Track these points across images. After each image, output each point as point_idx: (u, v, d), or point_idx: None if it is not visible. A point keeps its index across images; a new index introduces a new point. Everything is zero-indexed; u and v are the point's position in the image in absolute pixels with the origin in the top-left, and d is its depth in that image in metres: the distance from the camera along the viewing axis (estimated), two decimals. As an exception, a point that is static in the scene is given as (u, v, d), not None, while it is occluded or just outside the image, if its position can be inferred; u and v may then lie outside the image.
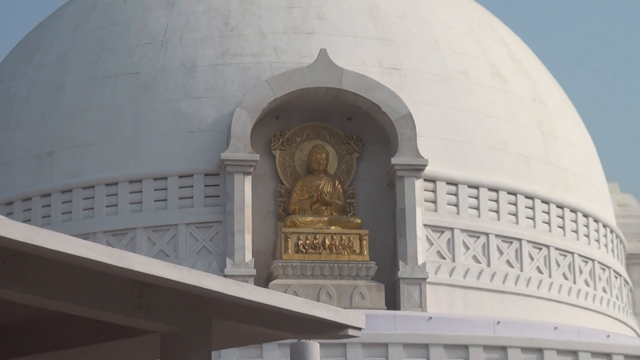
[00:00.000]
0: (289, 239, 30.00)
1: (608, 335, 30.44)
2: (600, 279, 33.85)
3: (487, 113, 32.55)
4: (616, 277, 34.91)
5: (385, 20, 33.22)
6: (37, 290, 9.41)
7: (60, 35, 34.62)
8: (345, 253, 30.03)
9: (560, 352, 27.24)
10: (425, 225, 30.61)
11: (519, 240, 31.90)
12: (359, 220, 30.63)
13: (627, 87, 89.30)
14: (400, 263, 30.03)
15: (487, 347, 26.84)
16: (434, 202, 31.15)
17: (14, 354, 11.56)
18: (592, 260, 33.62)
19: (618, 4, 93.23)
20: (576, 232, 33.36)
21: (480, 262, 31.27)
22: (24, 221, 25.35)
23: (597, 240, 34.19)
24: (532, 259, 32.00)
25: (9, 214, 30.12)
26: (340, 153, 31.35)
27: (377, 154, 31.27)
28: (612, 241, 35.18)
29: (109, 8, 34.22)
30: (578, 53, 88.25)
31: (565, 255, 32.78)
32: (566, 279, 32.65)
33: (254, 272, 29.40)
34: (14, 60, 35.85)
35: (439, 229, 30.98)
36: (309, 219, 30.37)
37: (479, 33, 34.66)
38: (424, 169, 30.61)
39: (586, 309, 32.74)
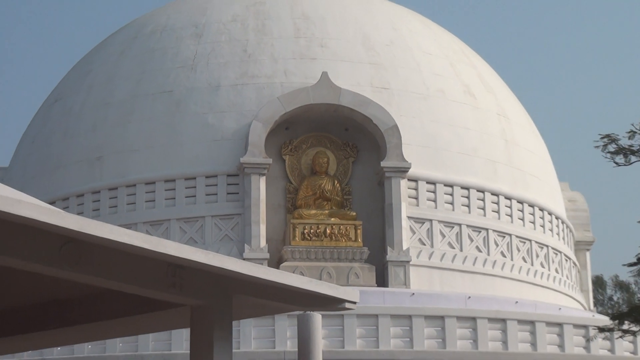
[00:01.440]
0: (297, 229, 30.01)
1: (560, 308, 30.46)
2: (553, 262, 33.86)
3: (460, 125, 32.55)
4: (566, 260, 34.91)
5: (376, 48, 33.22)
6: (88, 271, 9.44)
7: (108, 60, 34.63)
8: (343, 240, 30.03)
9: (520, 322, 27.21)
10: (408, 217, 30.61)
11: (486, 229, 31.91)
12: (354, 213, 30.64)
13: (576, 103, 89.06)
14: (388, 248, 30.05)
15: (459, 318, 26.81)
16: (416, 198, 31.16)
17: (68, 323, 11.57)
18: (547, 246, 33.64)
19: (568, 36, 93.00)
20: (533, 223, 33.38)
21: (454, 248, 31.27)
22: (78, 214, 25.41)
23: (551, 230, 34.19)
24: (497, 245, 32.02)
25: (65, 208, 30.11)
26: (338, 158, 31.34)
27: (369, 158, 31.25)
28: (562, 230, 35.19)
29: (148, 38, 34.25)
30: (535, 74, 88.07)
31: (524, 242, 32.80)
32: (525, 261, 32.66)
33: (267, 255, 29.44)
34: (70, 81, 35.87)
35: (420, 221, 30.98)
36: (313, 212, 30.37)
37: (453, 58, 34.66)
38: (407, 171, 30.60)
39: (541, 287, 32.75)
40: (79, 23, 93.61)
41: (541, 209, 33.77)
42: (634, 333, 22.11)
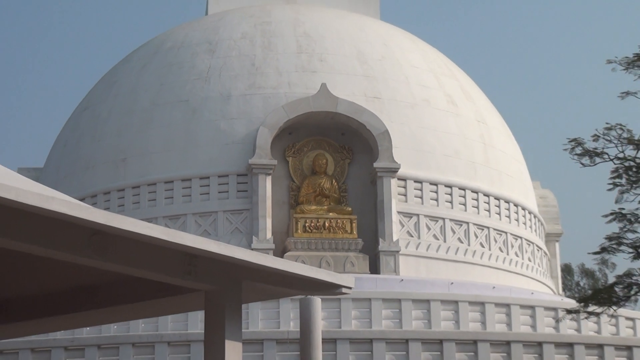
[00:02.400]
0: (299, 222, 29.99)
1: (532, 293, 30.47)
2: (526, 252, 33.84)
3: (443, 130, 32.54)
4: (538, 250, 34.89)
5: (369, 63, 33.20)
6: (114, 259, 9.43)
7: (131, 72, 34.62)
8: (340, 232, 30.01)
9: (497, 305, 27.17)
10: (398, 212, 30.60)
11: (467, 223, 31.88)
12: (349, 209, 30.62)
13: (547, 110, 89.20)
14: (380, 240, 30.03)
15: (443, 302, 26.78)
16: (405, 195, 31.14)
17: (95, 306, 11.56)
18: (520, 237, 33.61)
19: (540, 51, 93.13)
20: (509, 217, 33.36)
21: (438, 239, 31.25)
22: (105, 209, 25.40)
23: (524, 223, 34.17)
24: (476, 237, 32.00)
25: (93, 204, 30.11)
26: (336, 159, 31.32)
27: (363, 160, 31.22)
28: (534, 224, 35.17)
29: (167, 53, 34.23)
30: (510, 85, 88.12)
31: (501, 234, 32.78)
32: (501, 251, 32.64)
33: (272, 246, 29.42)
34: (98, 91, 35.87)
35: (408, 215, 30.96)
36: (313, 207, 30.36)
37: (437, 71, 34.63)
38: (397, 171, 30.59)
39: (516, 274, 32.72)
40: (105, 39, 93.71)
41: (515, 205, 33.76)
42: (597, 314, 22.14)
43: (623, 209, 19.48)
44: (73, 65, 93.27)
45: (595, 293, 21.70)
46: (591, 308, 21.06)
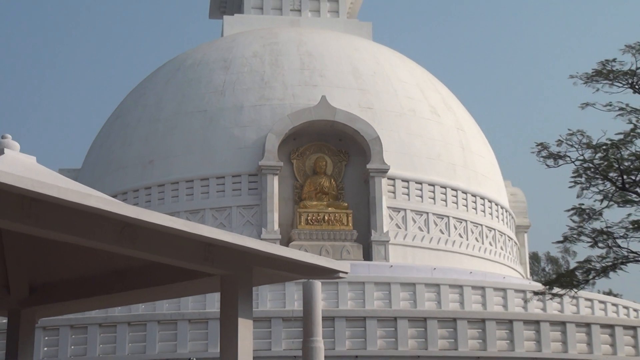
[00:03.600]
0: (302, 216, 30.01)
1: (504, 277, 30.51)
2: (498, 242, 33.84)
3: (427, 136, 32.54)
4: (509, 240, 34.89)
5: (363, 77, 33.20)
6: (142, 248, 9.44)
7: (157, 86, 34.62)
8: (337, 225, 30.01)
9: (473, 287, 27.20)
10: (388, 207, 30.60)
11: (447, 217, 31.89)
12: (346, 204, 30.62)
13: (517, 118, 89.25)
14: (372, 231, 30.04)
15: (427, 285, 26.78)
16: (394, 192, 31.13)
17: (126, 288, 11.56)
18: (494, 229, 33.62)
19: (511, 67, 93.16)
20: (483, 212, 33.36)
21: (422, 231, 31.25)
22: (134, 205, 25.40)
23: (497, 217, 34.17)
24: (455, 228, 32.00)
25: (124, 200, 30.14)
26: (334, 161, 31.31)
27: (358, 162, 31.21)
28: (506, 217, 35.17)
29: (187, 70, 34.22)
30: (485, 97, 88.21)
31: (477, 226, 32.78)
32: (477, 241, 32.65)
33: (279, 236, 29.42)
34: (128, 102, 35.88)
35: (396, 210, 30.97)
36: (314, 203, 30.36)
37: (422, 85, 34.63)
38: (387, 172, 30.60)
39: (490, 260, 32.74)
40: (135, 58, 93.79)
41: (489, 201, 33.76)
42: (560, 296, 22.15)
43: (583, 204, 19.49)
44: (107, 79, 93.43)
45: (558, 277, 21.67)
46: (555, 290, 21.05)
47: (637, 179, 18.98)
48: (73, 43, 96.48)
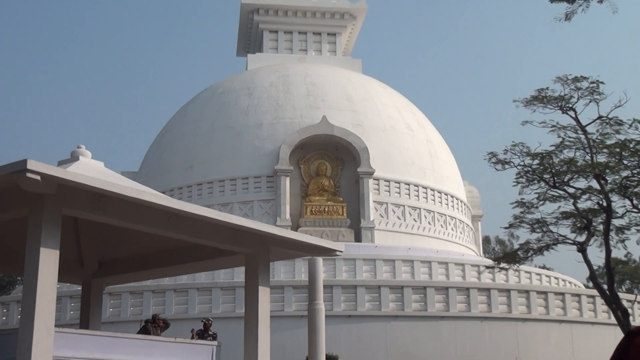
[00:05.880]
0: (307, 208, 30.00)
1: (463, 255, 30.47)
2: (459, 227, 33.82)
3: (404, 147, 32.52)
4: (466, 227, 34.88)
5: (354, 101, 33.20)
6: (185, 232, 9.44)
7: (196, 108, 34.62)
8: (335, 215, 30.01)
9: (439, 263, 27.21)
10: (373, 201, 30.60)
11: (419, 208, 31.88)
12: (341, 199, 30.61)
13: (473, 133, 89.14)
14: (362, 220, 30.02)
15: (403, 261, 26.81)
16: (378, 190, 31.12)
17: (172, 264, 11.58)
18: (455, 218, 33.60)
19: (469, 91, 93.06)
20: (447, 205, 33.35)
21: (400, 219, 31.25)
22: (178, 199, 25.44)
23: (458, 209, 34.15)
24: (425, 217, 31.98)
25: (171, 195, 30.13)
26: (332, 166, 31.30)
27: (351, 166, 31.22)
28: (464, 209, 35.15)
29: (220, 95, 34.25)
30: (449, 115, 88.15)
31: (442, 216, 32.76)
32: (442, 227, 32.63)
33: (290, 224, 29.40)
34: (174, 120, 35.84)
35: (380, 203, 30.96)
36: (317, 198, 30.36)
37: (400, 108, 34.62)
38: (373, 174, 30.61)
39: (452, 242, 32.73)
40: (180, 85, 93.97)
41: (452, 197, 33.74)
42: (506, 269, 22.15)
43: (523, 199, 19.50)
44: (158, 102, 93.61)
45: (505, 255, 21.69)
46: (502, 265, 21.07)
47: (565, 180, 19.00)
48: (138, 77, 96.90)
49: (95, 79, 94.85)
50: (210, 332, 15.60)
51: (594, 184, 18.92)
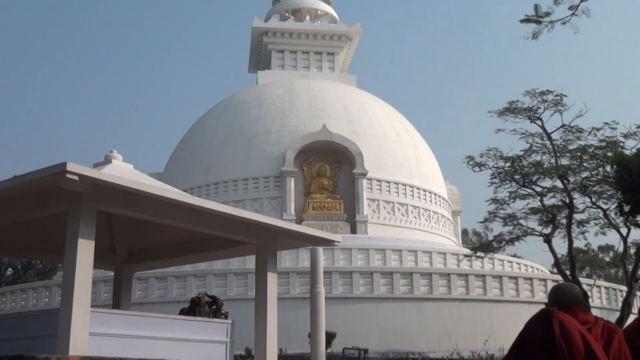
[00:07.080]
0: (309, 204, 29.98)
1: (444, 245, 30.46)
2: (440, 221, 33.77)
3: (393, 151, 32.49)
4: (447, 220, 34.83)
5: (350, 111, 33.18)
6: (204, 225, 9.45)
7: (213, 118, 34.59)
8: (333, 210, 30.00)
9: (424, 252, 27.20)
10: (367, 198, 30.58)
11: (407, 205, 31.85)
12: (339, 196, 30.56)
13: (454, 139, 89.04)
14: (357, 214, 29.99)
15: (393, 250, 26.80)
16: (371, 188, 31.10)
17: (192, 252, 11.59)
18: (438, 213, 33.56)
19: (453, 103, 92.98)
20: (431, 201, 33.30)
21: (390, 214, 31.23)
22: (198, 197, 25.46)
23: (440, 205, 34.11)
24: (412, 213, 31.95)
25: (191, 193, 30.10)
26: (331, 168, 31.26)
27: (347, 168, 31.19)
28: (446, 205, 35.10)
29: (233, 107, 34.22)
30: (432, 123, 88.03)
31: (426, 211, 32.73)
32: (427, 221, 32.60)
33: (294, 218, 29.38)
34: (193, 129, 35.80)
35: (373, 200, 30.93)
36: (318, 196, 30.34)
37: (390, 117, 34.59)
38: (366, 175, 30.58)
39: (435, 234, 32.71)
40: (198, 98, 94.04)
41: (435, 194, 33.72)
42: (482, 257, 22.15)
43: (497, 196, 19.53)
44: (180, 112, 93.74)
45: (481, 245, 21.72)
46: (479, 254, 21.09)
47: (533, 180, 19.02)
48: (164, 91, 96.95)
49: (127, 95, 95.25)
50: (222, 312, 15.61)
51: (558, 183, 18.95)
